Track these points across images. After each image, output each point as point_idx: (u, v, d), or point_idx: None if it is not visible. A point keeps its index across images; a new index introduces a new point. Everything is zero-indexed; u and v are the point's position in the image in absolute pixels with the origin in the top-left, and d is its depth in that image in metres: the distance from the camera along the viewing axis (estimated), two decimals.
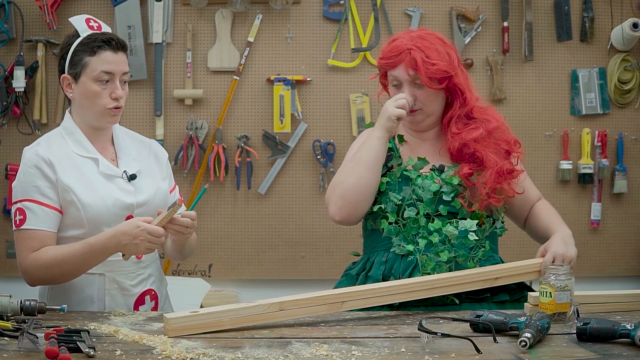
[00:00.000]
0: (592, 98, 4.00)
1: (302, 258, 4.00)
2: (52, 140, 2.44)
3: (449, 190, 2.45)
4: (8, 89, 3.84)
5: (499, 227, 2.51)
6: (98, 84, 2.37)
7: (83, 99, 2.40)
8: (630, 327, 1.94)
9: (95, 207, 2.37)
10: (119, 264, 2.41)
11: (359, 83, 3.97)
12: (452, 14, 3.94)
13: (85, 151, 2.43)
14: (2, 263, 4.00)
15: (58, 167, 2.37)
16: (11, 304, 2.15)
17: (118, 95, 2.39)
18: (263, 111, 3.98)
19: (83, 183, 2.38)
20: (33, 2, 3.86)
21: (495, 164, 2.45)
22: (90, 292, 2.42)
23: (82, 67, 2.37)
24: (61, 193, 2.37)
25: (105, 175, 2.42)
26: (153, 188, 2.48)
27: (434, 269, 2.38)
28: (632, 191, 4.06)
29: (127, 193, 2.42)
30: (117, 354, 1.88)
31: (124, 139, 2.54)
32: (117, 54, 2.39)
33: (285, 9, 3.94)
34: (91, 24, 2.43)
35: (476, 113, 2.52)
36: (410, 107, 2.49)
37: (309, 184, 4.01)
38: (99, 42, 2.37)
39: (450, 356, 1.87)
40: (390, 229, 2.47)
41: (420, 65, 2.43)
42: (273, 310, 2.15)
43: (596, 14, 3.98)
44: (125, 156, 2.49)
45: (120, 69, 2.39)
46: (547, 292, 2.19)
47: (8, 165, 3.91)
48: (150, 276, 2.50)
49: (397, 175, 2.50)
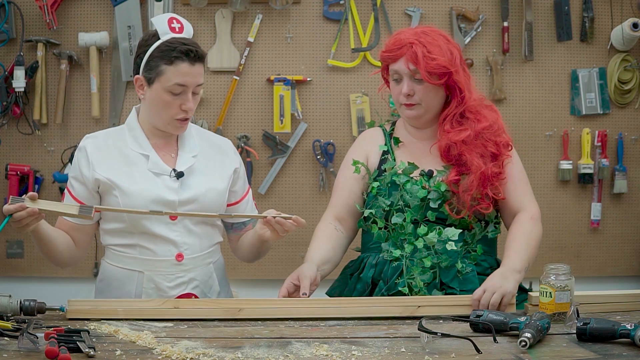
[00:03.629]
0: (592, 98, 4.00)
1: (302, 258, 3.99)
2: (111, 135, 2.51)
3: (436, 197, 2.44)
4: (8, 89, 3.84)
5: (491, 230, 2.50)
6: (170, 95, 2.38)
7: (153, 105, 2.42)
8: (630, 327, 1.95)
9: (134, 200, 2.40)
10: (158, 264, 2.43)
11: (359, 83, 3.97)
12: (452, 14, 3.94)
13: (140, 147, 2.46)
14: (2, 263, 4.00)
15: (99, 163, 2.43)
16: (11, 304, 2.15)
17: (188, 108, 2.40)
18: (263, 111, 3.98)
19: (128, 178, 2.42)
20: (33, 2, 3.86)
21: (478, 168, 2.43)
22: (129, 288, 2.45)
23: (157, 74, 2.37)
24: (101, 187, 2.43)
25: (153, 172, 2.44)
26: (204, 187, 2.47)
27: (420, 274, 2.39)
28: (632, 191, 4.06)
29: (170, 190, 2.43)
30: (117, 354, 1.88)
31: (192, 136, 2.54)
32: (194, 66, 2.38)
33: (285, 9, 3.93)
34: (173, 25, 2.41)
35: (469, 113, 2.50)
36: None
37: (309, 184, 4.01)
38: (177, 52, 2.35)
39: (450, 356, 1.88)
40: (380, 234, 2.48)
41: (420, 60, 2.42)
42: (167, 307, 2.23)
43: (596, 14, 3.98)
44: (185, 153, 2.50)
45: (195, 81, 2.39)
46: (547, 292, 2.19)
47: (8, 165, 3.90)
48: (193, 280, 2.48)
49: (387, 180, 2.50)
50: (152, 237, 2.42)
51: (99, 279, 2.54)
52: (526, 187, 2.55)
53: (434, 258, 2.40)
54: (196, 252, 2.47)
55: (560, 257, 3.84)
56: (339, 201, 2.61)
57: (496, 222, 2.53)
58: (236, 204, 2.60)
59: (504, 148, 2.49)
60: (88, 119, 3.94)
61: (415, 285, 2.39)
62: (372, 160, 2.59)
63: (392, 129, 2.65)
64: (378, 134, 2.65)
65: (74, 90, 3.94)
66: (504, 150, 2.49)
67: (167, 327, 2.17)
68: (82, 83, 3.93)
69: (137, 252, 2.43)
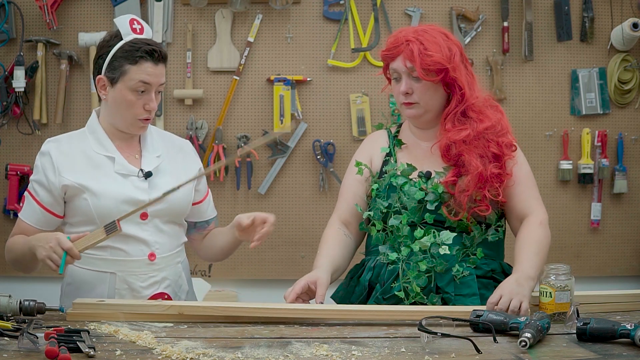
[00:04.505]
0: (592, 98, 4.00)
1: (302, 258, 4.00)
2: (74, 138, 2.50)
3: (433, 198, 2.41)
4: (8, 89, 3.84)
5: (491, 233, 2.45)
6: (134, 94, 2.38)
7: (116, 105, 2.42)
8: (630, 327, 1.94)
9: (106, 203, 2.40)
10: (131, 264, 2.43)
11: (359, 83, 3.97)
12: (452, 14, 3.94)
13: (104, 150, 2.46)
14: (2, 263, 3.99)
15: (66, 168, 2.41)
16: (10, 304, 2.15)
17: (152, 108, 2.41)
18: (263, 111, 3.98)
19: (96, 180, 2.41)
20: (33, 2, 3.86)
21: (476, 168, 2.39)
22: (100, 291, 2.43)
23: (121, 73, 2.37)
24: (68, 192, 2.41)
25: (120, 174, 2.44)
26: (171, 186, 2.47)
27: (415, 278, 2.36)
28: (632, 191, 4.06)
29: (140, 190, 2.44)
30: (117, 354, 1.88)
31: (153, 137, 2.55)
32: (158, 66, 2.39)
33: (285, 9, 3.93)
34: (134, 26, 2.41)
35: (472, 112, 2.46)
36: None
37: (309, 184, 4.01)
38: (141, 52, 2.36)
39: (450, 356, 1.87)
40: (378, 237, 2.47)
41: (416, 57, 2.40)
42: (172, 312, 2.22)
43: (596, 14, 3.98)
44: (149, 154, 2.51)
45: (158, 80, 2.40)
46: (547, 292, 2.19)
47: (8, 165, 3.90)
48: (165, 280, 2.49)
49: (385, 182, 2.48)
50: (123, 237, 2.40)
51: (67, 282, 2.51)
52: (533, 191, 2.50)
53: (429, 262, 2.37)
54: (167, 252, 2.49)
55: (560, 257, 3.84)
56: (344, 205, 2.59)
57: (498, 225, 2.48)
58: (199, 203, 2.63)
59: (506, 149, 2.45)
60: (88, 119, 3.93)
61: (412, 290, 2.36)
62: (375, 162, 2.58)
63: (398, 131, 2.63)
64: (382, 136, 2.63)
65: (74, 90, 3.94)
66: (507, 150, 2.45)
67: (167, 327, 2.17)
68: (82, 83, 3.93)
69: (108, 254, 2.42)
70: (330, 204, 3.97)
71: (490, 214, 2.45)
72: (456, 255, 2.40)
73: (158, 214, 2.46)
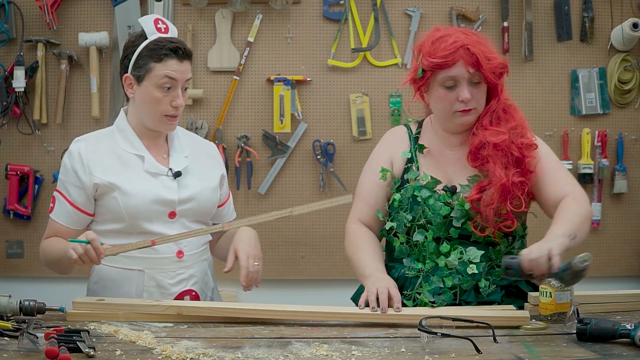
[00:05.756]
0: (592, 98, 4.00)
1: (302, 258, 4.00)
2: (102, 137, 2.51)
3: (460, 215, 2.34)
4: (8, 89, 3.84)
5: (518, 247, 2.40)
6: (160, 90, 2.40)
7: (143, 103, 2.44)
8: (630, 327, 1.95)
9: (135, 202, 2.41)
10: (159, 261, 2.44)
11: (359, 83, 3.97)
12: (452, 14, 3.94)
13: (133, 148, 2.47)
14: (2, 263, 4.00)
15: (96, 167, 2.43)
16: (10, 304, 2.15)
17: (178, 104, 2.42)
18: (263, 111, 3.98)
19: (126, 179, 2.43)
20: (33, 2, 3.86)
21: (499, 180, 2.31)
22: (128, 288, 2.44)
23: (147, 71, 2.39)
24: (99, 191, 2.43)
25: (150, 172, 2.46)
26: (200, 186, 2.50)
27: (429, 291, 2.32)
28: (632, 191, 4.06)
29: (169, 190, 2.45)
30: (117, 354, 1.88)
31: (180, 137, 2.56)
32: (183, 63, 2.41)
33: (285, 9, 3.93)
34: (159, 25, 2.43)
35: (502, 111, 2.39)
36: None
37: (309, 184, 4.01)
38: (166, 50, 2.38)
39: (450, 356, 1.88)
40: (401, 249, 2.40)
41: (482, 62, 2.30)
42: (171, 312, 2.22)
43: (596, 14, 3.98)
44: (177, 154, 2.52)
45: (183, 76, 2.42)
46: (547, 292, 2.19)
47: (8, 165, 3.90)
48: (192, 277, 2.50)
49: (408, 194, 2.39)
50: (150, 236, 2.42)
51: (93, 280, 2.52)
52: (564, 176, 2.42)
53: (455, 279, 2.32)
54: (194, 249, 2.50)
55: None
56: (365, 207, 2.50)
57: (522, 235, 2.43)
58: (221, 206, 2.64)
59: (527, 150, 2.36)
60: (88, 119, 3.94)
61: (420, 300, 2.33)
62: (397, 166, 2.48)
63: (419, 131, 2.52)
64: (403, 136, 2.52)
65: (74, 90, 3.94)
66: (527, 152, 2.36)
67: (167, 327, 2.17)
68: (82, 83, 3.93)
69: (137, 251, 2.43)
70: None
71: (516, 228, 2.38)
72: (483, 270, 2.34)
73: (186, 213, 2.47)
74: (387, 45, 3.96)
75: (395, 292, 2.25)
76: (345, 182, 3.97)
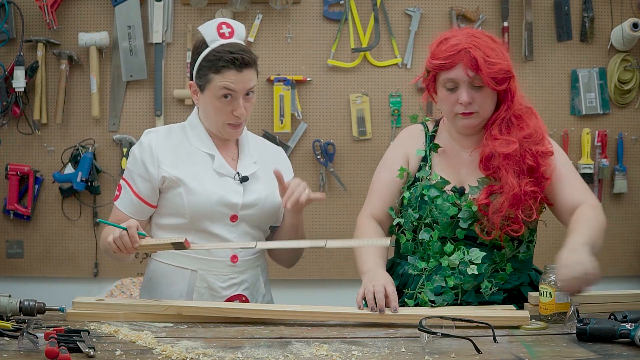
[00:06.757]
0: (592, 98, 4.00)
1: (302, 258, 3.99)
2: (173, 131, 2.51)
3: (467, 216, 2.33)
4: (8, 89, 3.84)
5: (523, 251, 2.38)
6: (220, 101, 2.39)
7: (206, 110, 2.45)
8: (630, 327, 1.95)
9: (199, 199, 2.41)
10: (213, 263, 2.44)
11: (359, 83, 3.97)
12: (452, 14, 3.94)
13: (205, 146, 2.48)
14: (2, 263, 4.00)
15: (165, 160, 2.43)
16: (10, 304, 2.15)
17: (240, 114, 2.41)
18: (263, 111, 3.98)
19: (193, 175, 2.43)
20: (33, 2, 3.86)
21: (511, 189, 2.28)
22: (180, 287, 2.45)
23: (206, 82, 2.39)
24: (165, 184, 2.43)
25: (218, 173, 2.46)
26: (265, 192, 2.48)
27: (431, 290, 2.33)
28: (632, 191, 4.06)
29: (234, 193, 2.44)
30: (117, 354, 1.88)
31: (249, 142, 2.56)
32: (242, 73, 2.39)
33: (285, 9, 3.94)
34: (222, 30, 2.41)
35: (514, 118, 2.36)
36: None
37: (309, 183, 3.93)
38: (223, 61, 2.36)
39: (450, 356, 1.87)
40: (407, 246, 2.41)
41: (482, 65, 2.27)
42: (171, 312, 2.22)
43: (596, 14, 3.98)
44: (246, 158, 2.52)
45: (243, 87, 2.40)
46: (547, 292, 2.19)
47: (8, 165, 3.90)
48: (244, 282, 2.49)
49: (417, 193, 2.39)
50: (209, 236, 2.43)
51: (147, 277, 2.54)
52: (577, 182, 2.40)
53: (457, 279, 2.32)
54: (249, 255, 2.50)
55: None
56: (380, 203, 2.49)
57: (529, 240, 2.41)
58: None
59: (542, 158, 2.34)
60: (88, 119, 3.94)
61: (421, 299, 2.33)
62: (412, 164, 2.47)
63: (435, 130, 2.50)
64: (419, 134, 2.51)
65: (74, 90, 3.94)
66: (543, 160, 2.34)
67: (167, 327, 2.17)
68: (82, 83, 3.93)
69: (192, 251, 2.41)
70: (331, 204, 3.98)
71: (523, 233, 2.36)
72: (485, 272, 2.34)
73: (247, 219, 2.46)
74: (387, 45, 3.96)
75: (391, 290, 2.24)
76: (345, 182, 3.97)
